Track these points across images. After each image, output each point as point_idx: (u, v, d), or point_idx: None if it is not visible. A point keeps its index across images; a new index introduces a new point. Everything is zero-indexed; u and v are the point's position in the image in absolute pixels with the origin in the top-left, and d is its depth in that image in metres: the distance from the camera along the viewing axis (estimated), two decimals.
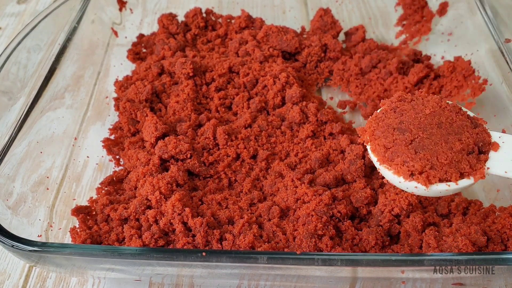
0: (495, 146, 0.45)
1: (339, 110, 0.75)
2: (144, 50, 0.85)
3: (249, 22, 0.87)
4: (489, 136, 0.46)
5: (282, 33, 0.79)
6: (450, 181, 0.44)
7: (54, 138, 0.66)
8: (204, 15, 0.87)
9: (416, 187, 0.44)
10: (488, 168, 0.44)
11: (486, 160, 0.45)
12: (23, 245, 0.45)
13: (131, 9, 0.89)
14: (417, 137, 0.45)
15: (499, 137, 0.46)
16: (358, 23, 0.87)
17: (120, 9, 0.88)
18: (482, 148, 0.45)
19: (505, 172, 0.44)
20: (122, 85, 0.76)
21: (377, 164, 0.46)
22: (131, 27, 0.89)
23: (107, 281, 0.56)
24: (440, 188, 0.44)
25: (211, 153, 0.64)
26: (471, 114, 0.48)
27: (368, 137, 0.48)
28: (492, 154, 0.45)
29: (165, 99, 0.72)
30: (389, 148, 0.46)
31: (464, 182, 0.44)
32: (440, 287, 0.50)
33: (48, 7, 0.73)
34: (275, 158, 0.64)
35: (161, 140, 0.63)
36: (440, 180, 0.44)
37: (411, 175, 0.44)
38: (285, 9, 0.96)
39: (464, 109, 0.48)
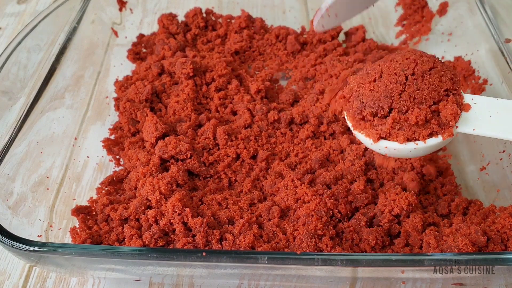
0: (466, 107, 0.46)
1: None
2: (144, 50, 0.85)
3: (249, 22, 0.87)
4: (462, 98, 0.46)
5: None
6: (418, 140, 0.45)
7: (54, 138, 0.66)
8: (204, 15, 0.87)
9: (386, 147, 0.46)
10: (457, 126, 0.45)
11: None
12: (23, 245, 0.45)
13: (131, 9, 0.89)
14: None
15: (472, 99, 0.46)
16: (358, 23, 0.87)
17: (120, 9, 0.88)
18: None
19: (473, 129, 0.45)
20: (122, 85, 0.76)
21: (352, 129, 0.49)
22: (131, 27, 0.89)
23: (107, 281, 0.56)
24: (409, 147, 0.46)
25: (211, 153, 0.64)
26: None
27: (344, 104, 0.50)
28: (463, 114, 0.46)
29: (165, 99, 0.72)
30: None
31: (433, 141, 0.45)
32: (440, 287, 0.50)
33: (48, 7, 0.73)
34: (275, 158, 0.64)
35: (161, 140, 0.63)
36: (409, 140, 0.45)
37: (379, 138, 0.46)
38: (285, 9, 0.96)
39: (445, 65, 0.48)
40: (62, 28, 0.74)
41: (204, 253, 0.44)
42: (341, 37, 0.86)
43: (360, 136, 0.48)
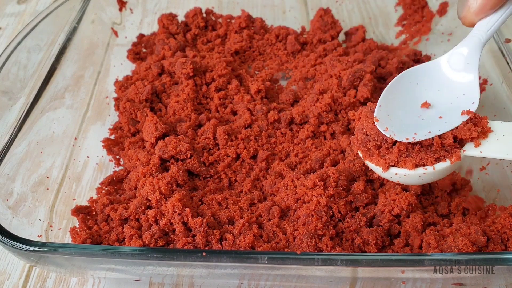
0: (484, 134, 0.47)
1: None
2: (144, 50, 0.85)
3: (249, 22, 0.87)
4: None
5: None
6: (426, 165, 0.47)
7: (54, 138, 0.66)
8: (204, 15, 0.87)
9: (396, 173, 0.48)
10: (464, 150, 0.47)
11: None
12: (23, 245, 0.45)
13: (131, 9, 0.89)
14: None
15: None
16: (358, 23, 0.87)
17: (120, 9, 0.88)
18: None
19: (480, 152, 0.46)
20: (122, 85, 0.76)
21: (363, 159, 0.51)
22: (131, 27, 0.89)
23: (107, 281, 0.56)
24: (418, 173, 0.47)
25: (211, 153, 0.64)
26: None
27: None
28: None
29: (165, 99, 0.72)
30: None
31: (441, 165, 0.47)
32: (440, 287, 0.50)
33: (48, 7, 0.73)
34: (275, 158, 0.64)
35: (161, 140, 0.63)
36: (417, 166, 0.47)
37: (388, 166, 0.48)
38: (285, 9, 0.96)
39: None
40: (62, 28, 0.74)
41: (204, 253, 0.44)
42: (341, 37, 0.86)
43: (371, 165, 0.50)
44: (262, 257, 0.43)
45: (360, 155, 0.51)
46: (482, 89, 0.68)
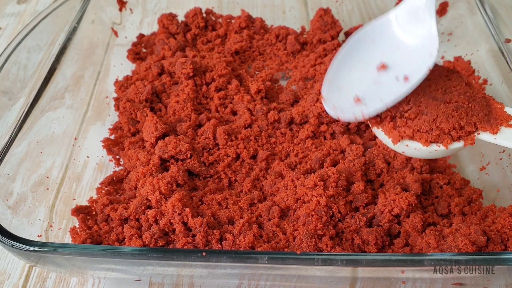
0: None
1: None
2: (144, 50, 0.85)
3: (249, 22, 0.87)
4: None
5: None
6: (441, 143, 0.47)
7: (54, 138, 0.66)
8: (204, 15, 0.87)
9: (407, 145, 0.47)
10: (479, 133, 0.47)
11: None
12: (23, 245, 0.45)
13: (131, 9, 0.89)
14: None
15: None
16: (358, 23, 0.87)
17: (120, 9, 0.88)
18: None
19: (495, 138, 0.46)
20: (122, 85, 0.76)
21: (371, 126, 0.50)
22: (131, 27, 0.89)
23: (107, 281, 0.56)
24: (430, 149, 0.47)
25: (211, 153, 0.64)
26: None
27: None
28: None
29: (165, 99, 0.72)
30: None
31: (454, 145, 0.47)
32: (440, 287, 0.50)
33: (48, 7, 0.73)
34: (275, 158, 0.64)
35: (161, 140, 0.63)
36: (432, 142, 0.47)
37: (400, 139, 0.47)
38: (285, 9, 0.96)
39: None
40: (62, 28, 0.74)
41: (204, 253, 0.44)
42: (341, 37, 0.86)
43: (378, 133, 0.48)
44: (262, 257, 0.43)
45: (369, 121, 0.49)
46: (482, 89, 0.68)
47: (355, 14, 0.93)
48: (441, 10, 0.82)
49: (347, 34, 0.86)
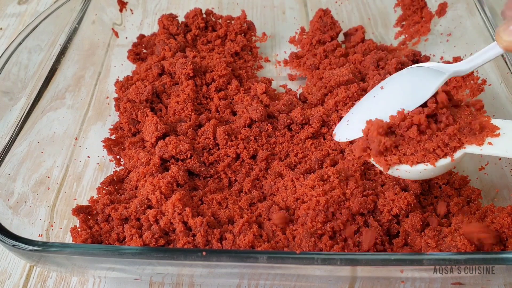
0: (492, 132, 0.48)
1: None
2: (144, 51, 0.85)
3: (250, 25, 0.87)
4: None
5: None
6: (428, 162, 0.49)
7: (55, 138, 0.66)
8: (204, 15, 0.88)
9: (398, 169, 0.50)
10: (464, 147, 0.48)
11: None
12: (24, 245, 0.45)
13: (131, 10, 0.89)
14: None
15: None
16: (357, 24, 0.87)
17: (121, 10, 0.88)
18: None
19: (481, 150, 0.47)
20: (123, 86, 0.76)
21: (367, 159, 0.52)
22: (131, 27, 0.89)
23: (107, 280, 0.57)
24: (419, 169, 0.49)
25: (211, 153, 0.64)
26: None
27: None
28: None
29: (165, 100, 0.72)
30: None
31: (442, 162, 0.48)
32: (439, 287, 0.50)
33: (49, 8, 0.73)
34: (274, 158, 0.65)
35: (162, 140, 0.63)
36: (418, 163, 0.49)
37: (389, 168, 0.50)
38: (285, 10, 0.96)
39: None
40: (62, 28, 0.74)
41: (204, 253, 0.44)
42: (341, 37, 0.86)
43: (374, 162, 0.51)
44: (262, 256, 0.43)
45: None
46: (481, 90, 0.68)
47: (354, 15, 0.94)
48: (440, 11, 0.82)
49: (347, 35, 0.86)
